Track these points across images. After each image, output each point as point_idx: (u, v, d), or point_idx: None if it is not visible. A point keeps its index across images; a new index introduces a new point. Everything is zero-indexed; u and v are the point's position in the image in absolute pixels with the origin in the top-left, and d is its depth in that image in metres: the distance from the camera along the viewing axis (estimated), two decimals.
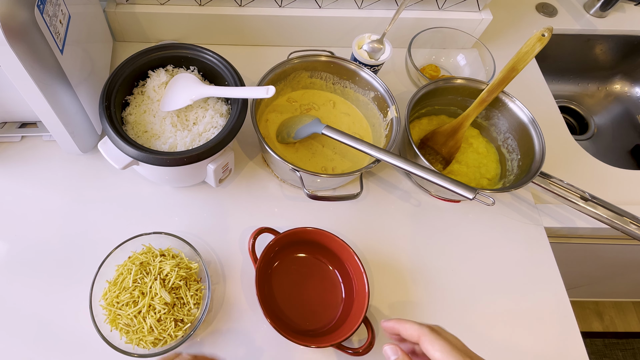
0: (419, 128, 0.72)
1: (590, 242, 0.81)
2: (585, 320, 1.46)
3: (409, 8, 0.79)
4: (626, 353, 1.41)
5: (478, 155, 0.70)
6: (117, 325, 0.51)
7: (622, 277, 1.16)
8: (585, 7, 0.96)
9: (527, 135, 0.65)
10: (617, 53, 0.99)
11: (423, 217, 0.67)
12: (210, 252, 0.60)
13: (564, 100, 1.06)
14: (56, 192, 0.63)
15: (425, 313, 0.59)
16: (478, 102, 0.64)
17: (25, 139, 0.67)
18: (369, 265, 0.61)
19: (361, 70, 0.68)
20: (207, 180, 0.62)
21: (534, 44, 0.57)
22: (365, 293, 0.54)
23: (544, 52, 0.65)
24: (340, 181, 0.65)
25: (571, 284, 1.09)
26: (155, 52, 0.60)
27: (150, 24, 0.77)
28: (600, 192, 0.63)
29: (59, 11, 0.51)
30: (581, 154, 0.76)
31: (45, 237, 0.60)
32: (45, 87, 0.50)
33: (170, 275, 0.53)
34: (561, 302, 0.61)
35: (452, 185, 0.53)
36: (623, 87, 1.05)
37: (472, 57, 0.83)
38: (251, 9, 0.76)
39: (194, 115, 0.59)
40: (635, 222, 0.60)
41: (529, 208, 0.69)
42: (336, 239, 0.57)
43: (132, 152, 0.51)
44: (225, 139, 0.54)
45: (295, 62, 0.67)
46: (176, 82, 0.59)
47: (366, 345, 0.52)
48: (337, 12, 0.78)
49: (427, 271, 0.62)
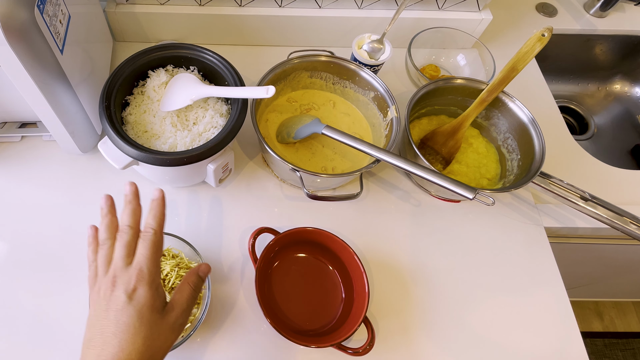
0: (419, 128, 0.72)
1: (590, 242, 0.81)
2: (585, 320, 1.46)
3: (409, 8, 0.79)
4: (626, 353, 1.41)
5: (478, 155, 0.70)
6: None
7: (622, 277, 1.16)
8: (585, 7, 0.96)
9: (527, 135, 0.65)
10: (617, 53, 0.99)
11: (423, 217, 0.67)
12: (210, 252, 0.60)
13: (564, 100, 1.06)
14: (56, 192, 0.63)
15: (425, 313, 0.59)
16: (478, 102, 0.64)
17: (25, 139, 0.67)
18: (369, 265, 0.61)
19: (361, 70, 0.68)
20: (207, 180, 0.62)
21: (534, 44, 0.57)
22: (365, 293, 0.54)
23: (544, 52, 0.65)
24: (340, 181, 0.65)
25: (571, 284, 1.09)
26: (155, 52, 0.60)
27: (150, 24, 0.77)
28: (600, 192, 0.63)
29: (59, 11, 0.51)
30: (581, 154, 0.76)
31: (45, 237, 0.60)
32: (45, 87, 0.50)
33: (170, 275, 0.53)
34: (561, 302, 0.61)
35: (452, 185, 0.53)
36: (623, 87, 1.05)
37: (472, 57, 0.83)
38: (251, 9, 0.76)
39: (194, 115, 0.59)
40: (635, 222, 0.60)
41: (529, 208, 0.69)
42: (336, 239, 0.57)
43: (132, 152, 0.51)
44: (225, 139, 0.54)
45: (295, 62, 0.67)
46: (176, 82, 0.59)
47: (366, 345, 0.52)
48: (337, 12, 0.78)
49: (427, 271, 0.62)
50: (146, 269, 0.37)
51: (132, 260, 0.37)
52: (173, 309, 0.38)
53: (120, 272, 0.37)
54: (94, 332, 0.35)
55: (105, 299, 0.36)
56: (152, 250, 0.37)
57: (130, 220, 0.39)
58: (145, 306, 0.35)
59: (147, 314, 0.35)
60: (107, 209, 0.41)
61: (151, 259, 0.37)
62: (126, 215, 0.39)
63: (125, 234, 0.38)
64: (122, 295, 0.35)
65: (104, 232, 0.39)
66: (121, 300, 0.35)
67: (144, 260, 0.37)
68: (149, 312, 0.35)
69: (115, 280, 0.36)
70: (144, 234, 0.38)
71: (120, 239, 0.38)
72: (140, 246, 0.38)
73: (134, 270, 0.36)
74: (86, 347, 0.35)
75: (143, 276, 0.36)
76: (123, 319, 0.34)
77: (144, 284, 0.36)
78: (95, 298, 0.37)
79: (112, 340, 0.34)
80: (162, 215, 0.40)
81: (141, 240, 0.38)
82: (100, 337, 0.34)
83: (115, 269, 0.37)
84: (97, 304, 0.36)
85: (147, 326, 0.35)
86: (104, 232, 0.39)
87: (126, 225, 0.39)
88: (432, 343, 0.57)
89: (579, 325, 0.59)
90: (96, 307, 0.36)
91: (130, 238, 0.38)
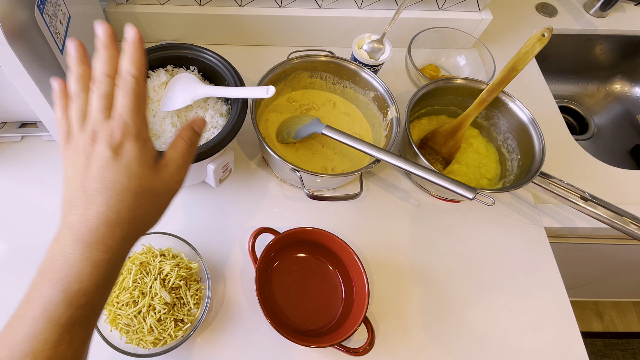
0: (419, 128, 0.72)
1: (590, 242, 0.81)
2: (585, 320, 1.46)
3: (409, 8, 0.79)
4: (626, 353, 1.41)
5: (478, 155, 0.70)
6: (117, 325, 0.51)
7: (622, 277, 1.16)
8: (585, 7, 0.96)
9: (527, 135, 0.65)
10: (617, 53, 0.99)
11: (423, 217, 0.67)
12: (210, 252, 0.60)
13: (564, 100, 1.06)
14: (56, 192, 0.63)
15: (425, 313, 0.59)
16: (478, 102, 0.64)
17: (25, 139, 0.67)
18: (369, 265, 0.61)
19: (361, 70, 0.68)
20: (207, 180, 0.62)
21: (534, 44, 0.57)
22: (365, 293, 0.54)
23: (544, 52, 0.65)
24: (340, 181, 0.65)
25: (571, 284, 1.09)
26: (155, 52, 0.60)
27: (150, 24, 0.77)
28: (600, 192, 0.63)
29: (59, 11, 0.51)
30: (581, 154, 0.76)
31: (45, 237, 0.59)
32: (45, 87, 0.50)
33: (170, 275, 0.53)
34: (561, 302, 0.61)
35: (452, 185, 0.53)
36: (623, 87, 1.05)
37: (472, 57, 0.83)
38: (251, 9, 0.76)
39: (194, 115, 0.59)
40: (635, 222, 0.60)
41: (529, 208, 0.69)
42: (336, 239, 0.57)
43: None
44: (225, 139, 0.54)
45: (295, 62, 0.67)
46: (176, 82, 0.59)
47: (366, 345, 0.52)
48: (337, 12, 0.78)
49: (427, 271, 0.62)
50: (130, 120, 0.32)
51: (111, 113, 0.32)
52: (167, 165, 0.34)
53: (101, 125, 0.31)
54: (74, 192, 0.31)
55: (84, 155, 0.31)
56: (135, 100, 0.32)
57: (106, 68, 0.33)
58: (134, 160, 0.31)
59: (136, 168, 0.31)
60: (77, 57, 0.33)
61: (135, 110, 0.32)
62: (101, 62, 0.33)
63: (102, 84, 0.32)
64: (106, 150, 0.31)
65: (76, 84, 0.33)
66: (105, 156, 0.31)
67: (127, 112, 0.31)
68: (138, 167, 0.31)
69: (95, 135, 0.31)
70: (123, 82, 0.32)
71: (97, 89, 0.32)
72: (120, 96, 0.32)
73: (117, 123, 0.31)
74: (67, 208, 0.31)
75: (128, 129, 0.31)
76: (109, 176, 0.30)
77: (130, 137, 0.31)
78: (71, 156, 0.32)
79: (96, 198, 0.30)
80: (141, 59, 0.33)
81: (120, 89, 0.32)
82: (82, 196, 0.30)
83: (94, 123, 0.32)
84: (75, 162, 0.32)
85: (137, 182, 0.31)
86: (76, 84, 0.33)
87: (102, 73, 0.32)
88: (432, 343, 0.57)
89: (579, 325, 0.59)
90: (74, 166, 0.31)
91: (108, 88, 0.32)
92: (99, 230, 0.29)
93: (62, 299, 0.28)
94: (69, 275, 0.28)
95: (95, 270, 0.29)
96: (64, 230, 0.30)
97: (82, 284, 0.28)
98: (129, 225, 0.30)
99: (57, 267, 0.29)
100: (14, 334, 0.27)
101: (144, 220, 0.32)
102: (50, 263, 0.29)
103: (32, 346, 0.27)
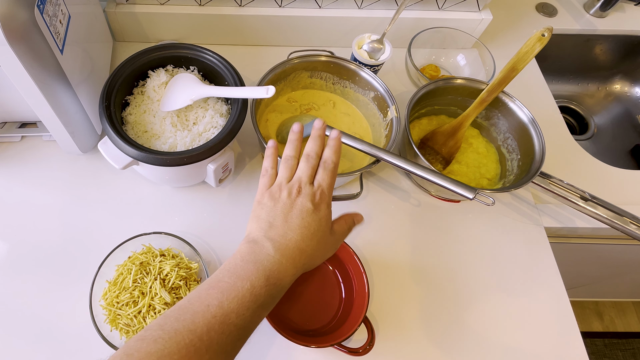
0: (419, 128, 0.72)
1: (590, 242, 0.81)
2: (585, 320, 1.46)
3: (409, 8, 0.79)
4: (626, 353, 1.41)
5: (478, 155, 0.70)
6: (117, 325, 0.51)
7: (622, 277, 1.16)
8: (585, 7, 0.96)
9: (527, 135, 0.65)
10: (617, 53, 0.99)
11: (423, 217, 0.67)
12: (210, 252, 0.60)
13: (564, 100, 1.06)
14: (56, 192, 0.63)
15: (425, 313, 0.59)
16: (478, 102, 0.64)
17: (25, 139, 0.67)
18: (368, 265, 0.61)
19: (361, 70, 0.68)
20: (207, 180, 0.62)
21: (534, 44, 0.57)
22: (365, 293, 0.54)
23: (544, 52, 0.65)
24: (340, 181, 0.65)
25: (571, 284, 1.09)
26: (155, 52, 0.60)
27: (150, 24, 0.77)
28: (600, 192, 0.63)
29: (59, 11, 0.51)
30: (581, 154, 0.76)
31: (45, 237, 0.60)
32: (45, 87, 0.50)
33: (170, 275, 0.53)
34: (561, 302, 0.61)
35: (452, 185, 0.53)
36: (623, 87, 1.05)
37: (472, 57, 0.83)
38: (251, 9, 0.76)
39: (194, 115, 0.59)
40: (635, 222, 0.60)
41: (529, 208, 0.69)
42: None
43: (132, 152, 0.51)
44: (225, 139, 0.54)
45: (295, 62, 0.67)
46: (176, 82, 0.59)
47: (366, 345, 0.52)
48: (337, 12, 0.78)
49: (427, 271, 0.62)
50: (327, 191, 0.42)
51: (313, 181, 0.42)
52: (335, 233, 0.43)
53: (305, 186, 0.41)
54: (277, 219, 0.40)
55: (289, 199, 0.41)
56: (332, 178, 0.43)
57: (317, 149, 0.44)
58: (324, 218, 0.41)
59: (324, 223, 0.41)
60: (297, 135, 0.46)
61: (330, 186, 0.42)
62: (315, 144, 0.44)
63: (312, 158, 0.43)
64: (309, 203, 0.40)
65: (292, 150, 0.45)
66: (308, 207, 0.40)
67: (326, 185, 0.42)
68: (325, 223, 0.41)
69: (300, 190, 0.41)
70: (325, 164, 0.43)
71: (308, 160, 0.43)
72: (321, 172, 0.43)
73: (318, 189, 0.42)
74: (267, 226, 0.39)
75: (324, 197, 0.42)
76: (308, 219, 0.40)
77: (325, 204, 0.42)
78: (274, 196, 0.41)
79: (296, 229, 0.39)
80: (339, 152, 0.44)
81: (322, 168, 0.43)
82: (285, 224, 0.39)
83: (300, 181, 0.42)
84: (278, 202, 0.41)
85: (322, 234, 0.41)
86: (292, 150, 0.45)
87: (314, 151, 0.44)
88: (432, 343, 0.57)
89: (579, 325, 0.59)
90: (276, 204, 0.41)
91: (315, 162, 0.43)
92: (293, 251, 0.38)
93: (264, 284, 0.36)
94: (269, 270, 0.37)
95: (282, 275, 0.37)
96: (264, 238, 0.39)
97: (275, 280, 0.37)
98: (307, 257, 0.39)
99: (261, 261, 0.37)
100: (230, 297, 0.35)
101: (317, 257, 0.41)
102: (253, 256, 0.37)
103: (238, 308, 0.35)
